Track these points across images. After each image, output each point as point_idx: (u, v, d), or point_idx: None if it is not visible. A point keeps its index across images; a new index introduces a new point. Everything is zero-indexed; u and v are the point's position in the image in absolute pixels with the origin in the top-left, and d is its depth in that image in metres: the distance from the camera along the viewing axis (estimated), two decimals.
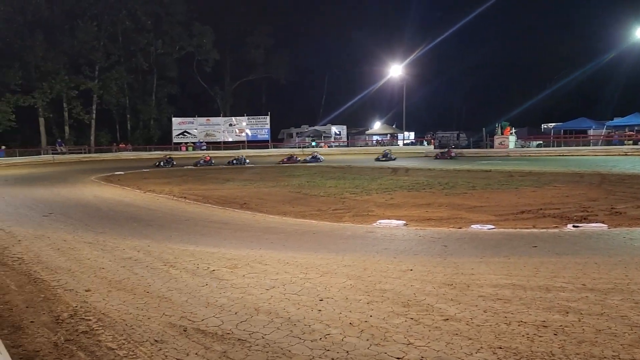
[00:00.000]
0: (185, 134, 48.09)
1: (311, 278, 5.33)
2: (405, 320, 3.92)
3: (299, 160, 33.61)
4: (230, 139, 48.75)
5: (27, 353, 3.43)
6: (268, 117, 49.18)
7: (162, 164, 32.14)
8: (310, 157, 34.43)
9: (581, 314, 3.89)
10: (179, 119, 48.50)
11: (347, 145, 50.70)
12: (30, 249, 7.12)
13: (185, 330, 3.82)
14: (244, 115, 49.93)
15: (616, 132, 38.44)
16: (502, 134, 38.73)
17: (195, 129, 48.31)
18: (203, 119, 48.95)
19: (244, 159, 33.68)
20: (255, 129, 49.20)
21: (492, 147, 38.76)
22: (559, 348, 3.24)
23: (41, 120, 42.58)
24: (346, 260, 6.33)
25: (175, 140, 47.64)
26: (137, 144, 47.44)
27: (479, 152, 38.24)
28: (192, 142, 47.60)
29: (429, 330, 3.68)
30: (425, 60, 52.00)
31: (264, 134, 49.17)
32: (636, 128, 37.59)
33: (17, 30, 39.54)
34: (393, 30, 59.67)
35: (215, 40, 51.57)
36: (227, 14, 53.41)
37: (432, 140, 46.77)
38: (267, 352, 3.39)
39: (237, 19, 53.94)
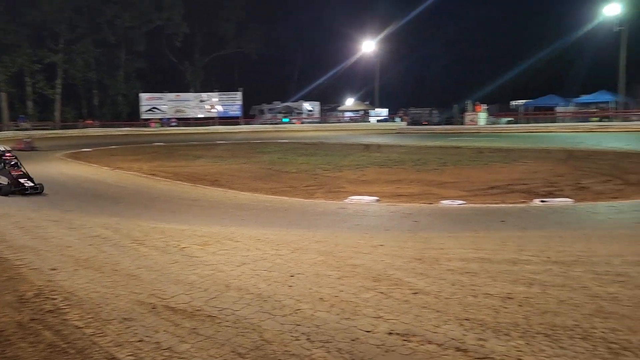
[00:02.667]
0: (154, 110, 47.13)
1: (282, 254, 5.33)
2: (376, 295, 3.97)
3: None
4: (200, 115, 48.02)
5: None
6: (240, 93, 48.54)
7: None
8: None
9: (545, 285, 4.00)
10: (148, 95, 47.47)
11: (320, 122, 50.54)
12: None
13: (154, 308, 3.78)
14: (215, 91, 49.14)
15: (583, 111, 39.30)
16: (473, 110, 39.20)
17: (165, 104, 47.39)
18: (172, 95, 48.03)
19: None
20: (226, 105, 48.55)
21: (462, 123, 39.21)
22: (523, 318, 3.32)
23: (2, 95, 41.05)
24: (318, 236, 6.34)
25: (143, 116, 46.67)
26: (105, 120, 46.30)
27: (449, 128, 38.66)
28: (159, 119, 46.63)
29: (398, 304, 3.73)
30: (399, 36, 51.93)
31: (236, 110, 48.59)
32: (602, 105, 38.49)
33: None
34: (367, 5, 59.20)
35: (185, 14, 50.25)
36: None
37: (405, 117, 47.01)
38: (237, 327, 3.39)
39: None
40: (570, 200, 9.18)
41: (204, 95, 49.11)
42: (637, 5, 36.66)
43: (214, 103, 48.25)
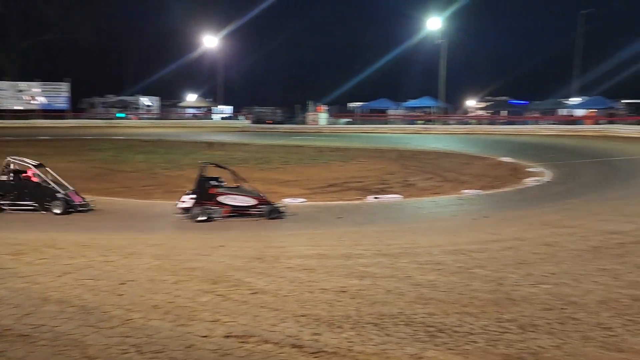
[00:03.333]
0: None
1: (113, 260, 4.92)
2: (213, 297, 3.85)
3: None
4: (19, 107, 42.48)
5: None
6: (67, 84, 43.98)
7: None
8: None
9: (375, 277, 4.26)
10: None
11: (160, 118, 48.16)
12: None
13: None
14: (36, 81, 43.83)
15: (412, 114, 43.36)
16: (314, 111, 40.78)
17: None
18: None
19: None
20: (51, 96, 43.64)
21: (305, 123, 40.56)
22: (355, 310, 3.49)
23: None
24: (154, 239, 6.01)
25: None
26: None
27: (292, 127, 39.70)
28: None
29: (237, 305, 3.66)
30: (243, 34, 51.75)
31: (62, 102, 43.94)
32: (426, 109, 42.81)
33: None
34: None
35: None
36: None
37: (249, 116, 47.09)
38: (56, 345, 3.02)
39: None
40: (399, 196, 10.01)
41: (23, 84, 43.53)
42: (454, 21, 41.67)
43: (35, 94, 43.05)
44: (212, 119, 47.58)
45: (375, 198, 9.86)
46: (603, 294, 3.86)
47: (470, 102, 45.78)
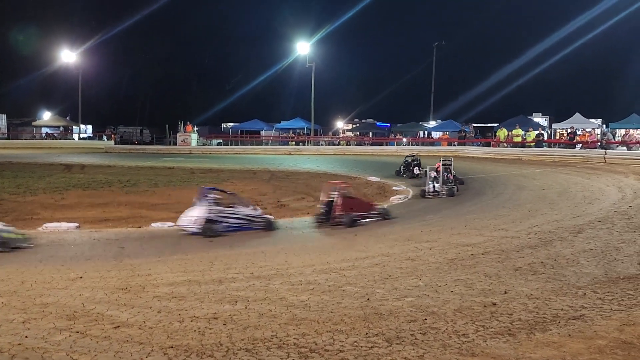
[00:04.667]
0: None
1: None
2: (70, 335, 3.51)
3: None
4: None
5: None
6: None
7: None
8: None
9: (248, 301, 4.20)
10: None
11: (8, 138, 43.31)
12: None
13: None
14: None
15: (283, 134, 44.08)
16: (184, 131, 39.61)
17: None
18: None
19: None
20: None
21: (175, 144, 39.19)
22: (227, 337, 3.41)
23: None
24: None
25: None
26: None
27: (162, 148, 38.13)
28: None
29: (97, 342, 3.37)
30: (107, 48, 48.93)
31: None
32: (298, 130, 43.82)
33: None
34: (69, 9, 53.92)
35: None
36: None
37: (113, 135, 44.30)
38: None
39: None
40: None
41: None
42: (323, 46, 43.56)
43: None
44: (73, 139, 43.92)
45: None
46: (459, 302, 4.21)
47: (339, 124, 47.87)
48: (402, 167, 18.26)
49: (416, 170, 17.38)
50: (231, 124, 47.83)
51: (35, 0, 51.24)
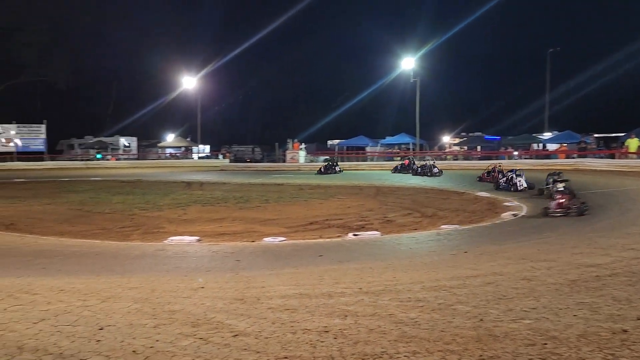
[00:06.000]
0: None
1: (90, 305, 4.81)
2: (194, 341, 3.79)
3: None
4: None
5: None
6: (44, 126, 43.58)
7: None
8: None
9: (357, 316, 4.25)
10: None
11: (138, 158, 47.89)
12: None
13: None
14: (12, 123, 43.40)
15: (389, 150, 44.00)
16: (292, 148, 41.06)
17: None
18: None
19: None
20: (27, 138, 43.12)
21: (284, 161, 40.74)
22: (338, 351, 3.47)
23: None
24: (133, 282, 5.90)
25: None
26: None
27: (272, 166, 39.81)
28: None
29: (218, 349, 3.61)
30: (220, 73, 52.52)
31: (39, 144, 43.43)
32: (403, 146, 43.50)
33: None
34: (187, 40, 58.78)
35: None
36: None
37: (228, 154, 47.15)
38: None
39: (2, 12, 46.79)
40: (378, 233, 10.05)
41: None
42: (427, 60, 43.04)
43: (12, 136, 42.51)
44: (193, 158, 47.51)
45: (355, 235, 9.88)
46: (583, 327, 3.91)
47: (446, 138, 46.78)
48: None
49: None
50: (337, 141, 48.68)
51: (158, 32, 56.29)
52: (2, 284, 5.84)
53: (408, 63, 40.68)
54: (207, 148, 53.05)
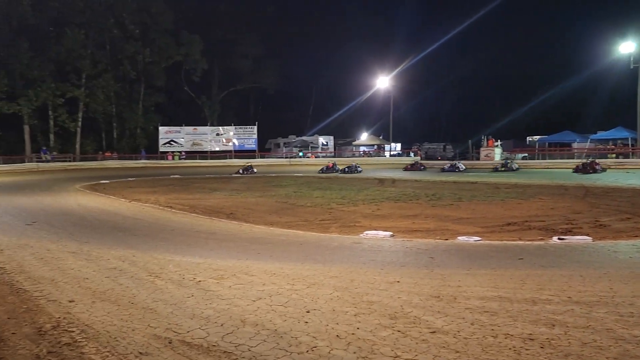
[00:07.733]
0: (172, 142, 47.83)
1: (298, 289, 5.29)
2: (393, 333, 3.91)
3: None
4: (217, 149, 48.60)
5: None
6: (255, 127, 49.13)
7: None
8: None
9: (567, 326, 3.91)
10: (166, 128, 48.26)
11: (334, 156, 50.74)
12: (13, 259, 6.99)
13: (170, 343, 3.77)
14: (231, 125, 49.88)
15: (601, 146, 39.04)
16: (487, 145, 39.10)
17: (182, 138, 48.06)
18: (190, 128, 48.75)
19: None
20: (242, 138, 49.10)
21: (478, 159, 39.06)
22: None
23: (26, 128, 42.05)
24: (333, 271, 6.31)
25: (161, 149, 47.36)
26: (123, 152, 47.04)
27: (465, 163, 38.52)
28: (178, 151, 47.35)
29: (416, 343, 3.66)
30: (413, 72, 52.74)
31: (252, 143, 49.10)
32: (619, 142, 38.17)
33: (2, 37, 39.15)
34: (381, 41, 60.33)
35: (204, 50, 51.53)
36: (215, 23, 53.65)
37: (419, 152, 47.06)
38: None
39: (225, 28, 54.15)
40: (589, 238, 9.02)
41: (221, 129, 49.78)
42: None
43: (230, 137, 48.85)
44: (383, 156, 48.69)
45: (560, 239, 9.02)
46: None
47: None
48: None
49: None
50: (537, 137, 44.93)
51: (355, 34, 58.84)
52: (227, 265, 6.77)
53: (627, 47, 35.45)
54: (399, 146, 53.74)
